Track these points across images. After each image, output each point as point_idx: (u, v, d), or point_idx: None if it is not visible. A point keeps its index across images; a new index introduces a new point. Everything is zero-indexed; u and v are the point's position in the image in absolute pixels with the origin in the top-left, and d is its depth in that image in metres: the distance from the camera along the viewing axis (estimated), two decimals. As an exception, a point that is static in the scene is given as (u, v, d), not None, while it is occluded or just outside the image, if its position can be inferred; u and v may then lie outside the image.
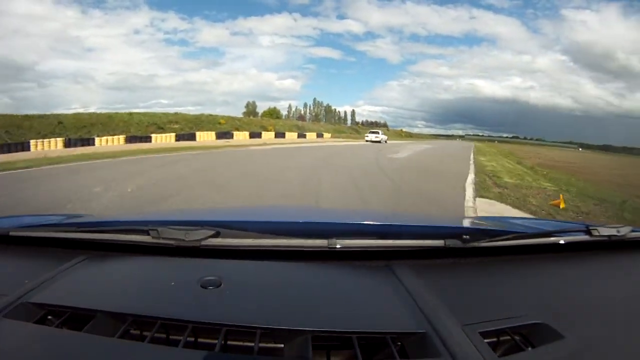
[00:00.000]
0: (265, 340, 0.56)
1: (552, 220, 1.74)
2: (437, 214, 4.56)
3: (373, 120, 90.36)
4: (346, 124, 75.19)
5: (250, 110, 68.18)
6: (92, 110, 32.18)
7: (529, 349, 0.56)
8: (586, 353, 0.54)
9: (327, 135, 40.46)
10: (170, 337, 0.57)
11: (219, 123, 32.18)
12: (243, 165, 9.79)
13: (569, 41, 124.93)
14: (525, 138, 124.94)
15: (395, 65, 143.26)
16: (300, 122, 46.91)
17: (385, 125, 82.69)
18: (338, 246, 0.76)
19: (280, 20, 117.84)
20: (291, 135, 33.79)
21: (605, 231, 0.87)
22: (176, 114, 33.22)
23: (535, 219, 1.67)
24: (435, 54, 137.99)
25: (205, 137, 26.12)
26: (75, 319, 0.59)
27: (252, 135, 29.38)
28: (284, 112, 71.08)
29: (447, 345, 0.52)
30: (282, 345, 0.56)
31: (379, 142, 28.89)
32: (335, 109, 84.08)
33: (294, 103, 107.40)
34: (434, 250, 0.80)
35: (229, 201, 5.27)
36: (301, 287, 0.71)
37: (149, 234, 0.78)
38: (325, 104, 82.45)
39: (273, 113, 58.83)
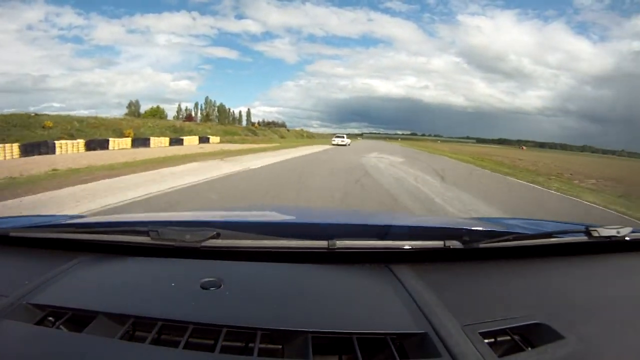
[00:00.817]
0: (265, 341, 0.56)
1: (552, 221, 1.41)
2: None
3: (270, 120, 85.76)
4: (241, 124, 68.43)
5: (133, 110, 58.33)
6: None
7: (529, 349, 0.55)
8: (586, 353, 0.54)
9: (214, 139, 32.45)
10: (171, 338, 0.57)
11: (43, 127, 22.43)
12: None
13: (464, 44, 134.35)
14: (423, 135, 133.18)
15: (292, 66, 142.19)
16: (179, 123, 38.00)
17: (283, 125, 78.71)
18: (338, 247, 0.76)
19: (179, 19, 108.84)
20: (159, 142, 24.32)
21: (605, 232, 0.87)
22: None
23: (535, 219, 1.38)
24: (331, 54, 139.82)
25: (2, 154, 16.06)
26: (76, 320, 0.59)
27: (91, 146, 19.69)
28: (174, 114, 61.50)
29: (447, 346, 0.52)
30: (282, 346, 0.56)
31: (345, 145, 30.86)
32: (229, 109, 76.25)
33: (187, 104, 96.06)
34: (434, 251, 0.79)
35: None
36: (301, 288, 0.70)
37: (149, 235, 0.78)
38: (218, 103, 73.71)
39: (156, 113, 50.32)
